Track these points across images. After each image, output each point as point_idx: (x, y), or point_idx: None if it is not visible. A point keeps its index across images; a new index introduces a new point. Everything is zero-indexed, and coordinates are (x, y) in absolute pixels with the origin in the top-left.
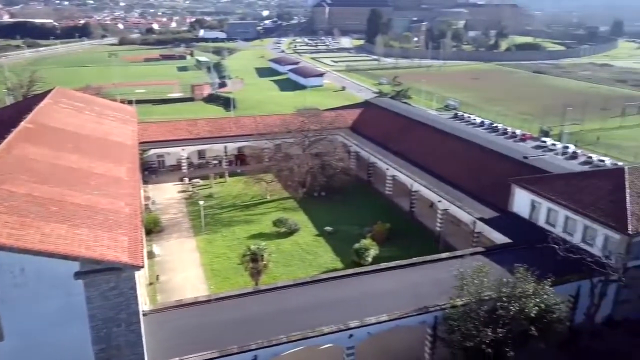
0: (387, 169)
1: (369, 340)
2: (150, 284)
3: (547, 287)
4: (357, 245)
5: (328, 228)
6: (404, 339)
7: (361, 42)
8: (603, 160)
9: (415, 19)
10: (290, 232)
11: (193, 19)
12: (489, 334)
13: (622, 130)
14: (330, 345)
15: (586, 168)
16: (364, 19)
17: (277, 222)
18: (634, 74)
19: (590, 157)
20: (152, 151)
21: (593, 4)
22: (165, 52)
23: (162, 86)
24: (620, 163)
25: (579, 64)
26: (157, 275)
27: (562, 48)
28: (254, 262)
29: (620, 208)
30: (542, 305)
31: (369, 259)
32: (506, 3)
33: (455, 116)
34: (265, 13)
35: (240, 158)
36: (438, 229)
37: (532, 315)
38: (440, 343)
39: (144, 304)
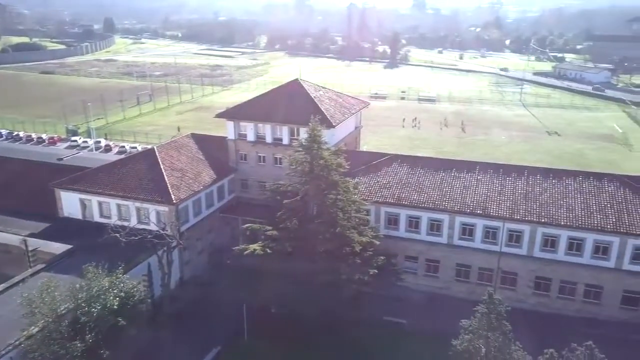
0: None
1: None
2: None
3: (120, 275)
4: None
5: None
6: None
7: None
8: (135, 147)
9: None
10: None
11: None
12: (79, 345)
13: (142, 118)
14: None
15: (123, 157)
16: None
17: None
18: (136, 67)
19: (124, 147)
20: None
21: (81, 3)
22: None
23: None
24: (149, 146)
25: (85, 61)
26: None
27: (63, 47)
28: None
29: (161, 183)
30: (122, 294)
31: None
32: None
33: None
34: None
35: None
36: None
37: (115, 307)
38: None
39: None
